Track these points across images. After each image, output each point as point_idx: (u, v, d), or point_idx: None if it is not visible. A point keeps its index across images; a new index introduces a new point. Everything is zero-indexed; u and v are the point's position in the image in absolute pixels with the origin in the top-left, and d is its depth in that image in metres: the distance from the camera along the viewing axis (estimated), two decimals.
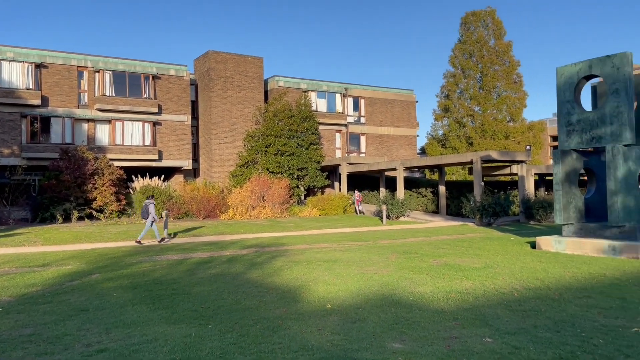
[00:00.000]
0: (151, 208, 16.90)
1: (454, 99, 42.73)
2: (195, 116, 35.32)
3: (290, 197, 30.14)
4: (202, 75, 34.33)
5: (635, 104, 13.67)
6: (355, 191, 31.19)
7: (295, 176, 31.99)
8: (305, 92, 36.70)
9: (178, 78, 32.59)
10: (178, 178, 32.86)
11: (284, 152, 31.65)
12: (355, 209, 30.18)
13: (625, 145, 12.56)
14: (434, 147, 43.51)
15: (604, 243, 12.39)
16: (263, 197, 28.01)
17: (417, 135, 43.37)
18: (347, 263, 11.49)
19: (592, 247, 12.57)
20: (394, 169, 29.17)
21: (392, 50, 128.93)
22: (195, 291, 8.69)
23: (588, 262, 11.11)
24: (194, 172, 35.53)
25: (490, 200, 22.35)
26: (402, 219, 26.66)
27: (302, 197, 33.35)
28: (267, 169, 31.20)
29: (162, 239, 16.77)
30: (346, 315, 6.89)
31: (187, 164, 32.73)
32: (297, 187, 32.24)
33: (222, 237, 18.21)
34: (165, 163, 31.81)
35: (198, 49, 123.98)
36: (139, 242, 16.14)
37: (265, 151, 31.77)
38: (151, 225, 16.84)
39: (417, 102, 42.33)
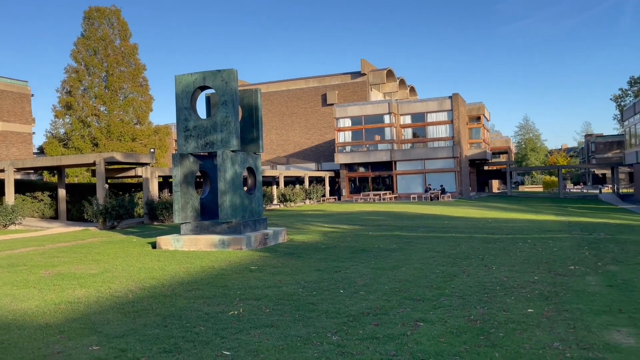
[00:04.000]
0: None
1: (78, 97, 39.96)
2: None
3: None
4: None
5: (240, 115, 15.73)
6: None
7: None
8: None
9: None
10: None
11: None
12: None
13: (232, 151, 14.30)
14: (54, 147, 39.59)
15: (216, 238, 13.79)
16: None
17: (34, 133, 38.64)
18: None
19: (206, 243, 13.81)
20: (2, 171, 25.09)
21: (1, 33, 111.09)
22: None
23: (201, 257, 12.14)
24: None
25: (114, 202, 21.83)
26: (12, 227, 23.18)
27: None
28: None
29: None
30: None
31: None
32: None
33: None
34: None
35: None
36: None
37: None
38: None
39: (32, 95, 37.66)
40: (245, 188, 15.78)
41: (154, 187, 25.93)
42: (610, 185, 63.78)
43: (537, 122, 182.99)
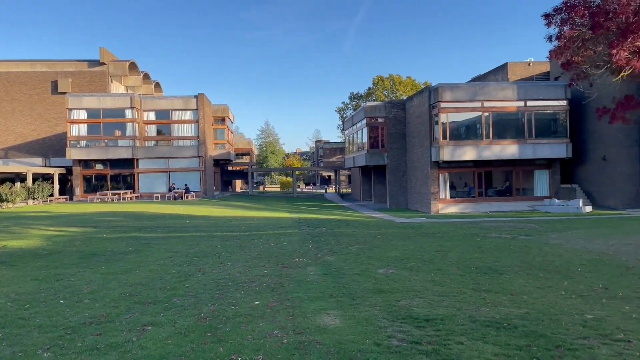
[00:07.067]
0: None
1: None
2: None
3: None
4: None
5: None
6: None
7: None
8: None
9: None
10: None
11: None
12: None
13: None
14: None
15: None
16: None
17: None
18: None
19: None
20: None
21: None
22: None
23: None
24: None
25: None
26: None
27: None
28: None
29: None
30: None
31: None
32: None
33: None
34: None
35: None
36: None
37: None
38: None
39: None
40: None
41: None
42: (334, 186, 73.07)
43: (276, 127, 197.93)
